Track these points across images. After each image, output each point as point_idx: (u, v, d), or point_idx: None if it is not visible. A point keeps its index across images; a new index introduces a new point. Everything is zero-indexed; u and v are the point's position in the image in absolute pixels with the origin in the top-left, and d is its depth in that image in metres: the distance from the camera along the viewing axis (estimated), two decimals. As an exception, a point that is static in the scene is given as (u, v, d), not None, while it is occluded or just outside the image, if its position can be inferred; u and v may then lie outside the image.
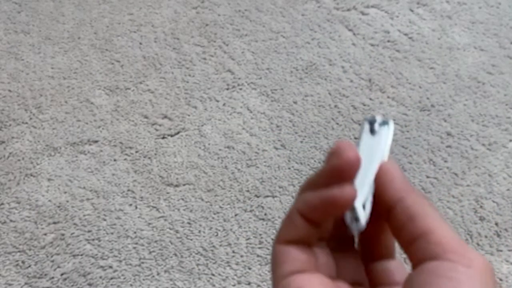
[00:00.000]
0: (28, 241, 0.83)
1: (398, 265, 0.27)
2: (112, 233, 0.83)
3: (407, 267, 0.24)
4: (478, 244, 0.79)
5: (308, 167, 0.89)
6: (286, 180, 0.88)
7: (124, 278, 0.79)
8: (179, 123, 0.96)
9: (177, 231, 0.83)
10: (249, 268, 0.79)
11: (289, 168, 0.89)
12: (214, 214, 0.84)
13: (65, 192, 0.88)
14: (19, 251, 0.82)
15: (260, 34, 1.11)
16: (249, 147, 0.92)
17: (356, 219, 0.24)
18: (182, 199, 0.86)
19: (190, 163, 0.91)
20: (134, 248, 0.81)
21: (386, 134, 0.26)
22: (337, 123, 0.95)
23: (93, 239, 0.83)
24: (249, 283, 0.77)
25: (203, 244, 0.81)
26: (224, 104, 0.99)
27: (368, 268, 0.26)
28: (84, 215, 0.85)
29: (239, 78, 1.03)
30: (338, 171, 0.23)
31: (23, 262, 0.81)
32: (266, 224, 0.83)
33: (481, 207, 0.83)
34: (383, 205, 0.24)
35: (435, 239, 0.21)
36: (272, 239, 0.81)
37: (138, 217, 0.85)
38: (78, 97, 1.02)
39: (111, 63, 1.07)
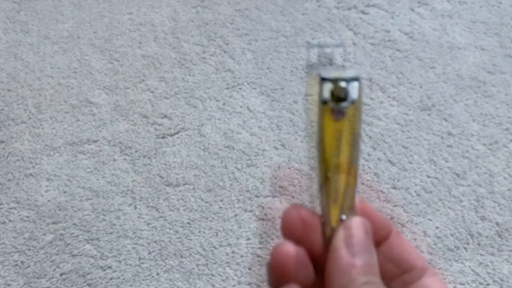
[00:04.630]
0: (27, 241, 0.83)
1: (435, 280, 0.23)
2: (111, 233, 0.83)
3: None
4: (479, 244, 0.79)
5: (308, 167, 0.89)
6: (286, 180, 0.87)
7: (124, 278, 0.78)
8: (178, 122, 0.96)
9: (176, 231, 0.82)
10: (249, 269, 0.78)
11: (289, 168, 0.89)
12: (214, 214, 0.84)
13: (65, 192, 0.88)
14: (18, 251, 0.82)
15: (260, 33, 1.11)
16: (249, 147, 0.92)
17: None
18: (182, 199, 0.86)
19: (190, 163, 0.90)
20: (134, 248, 0.81)
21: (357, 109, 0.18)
22: (338, 123, 0.94)
23: (92, 239, 0.82)
24: (249, 284, 0.77)
25: (203, 244, 0.81)
26: (224, 104, 0.99)
27: None
28: (83, 215, 0.85)
29: (239, 78, 1.03)
30: None
31: (22, 262, 0.81)
32: (266, 224, 0.83)
33: (482, 207, 0.83)
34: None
35: None
36: (272, 239, 0.81)
37: (138, 217, 0.84)
38: (77, 97, 1.02)
39: (110, 63, 1.07)
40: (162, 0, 1.19)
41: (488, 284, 0.75)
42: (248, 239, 0.81)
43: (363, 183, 0.86)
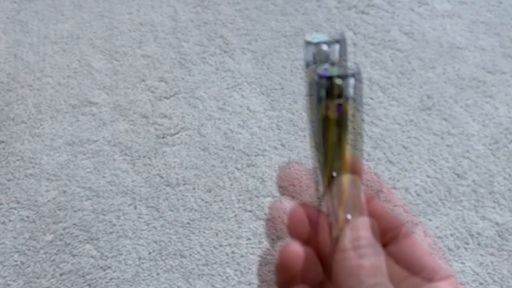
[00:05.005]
0: (27, 241, 0.83)
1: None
2: (111, 233, 0.83)
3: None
4: (479, 244, 0.79)
5: (312, 167, 0.89)
6: (286, 180, 0.87)
7: (124, 278, 0.78)
8: (178, 122, 0.96)
9: (176, 231, 0.82)
10: (249, 268, 0.78)
11: (289, 168, 0.89)
12: (214, 214, 0.84)
13: (65, 192, 0.88)
14: (18, 251, 0.82)
15: (260, 33, 1.11)
16: (249, 147, 0.92)
17: None
18: (182, 199, 0.86)
19: (190, 163, 0.90)
20: (134, 248, 0.81)
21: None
22: (338, 123, 0.94)
23: (92, 239, 0.82)
24: (249, 284, 0.77)
25: (203, 244, 0.81)
26: (224, 104, 0.99)
27: None
28: (83, 215, 0.85)
29: (239, 78, 1.03)
30: None
31: (22, 262, 0.81)
32: (266, 224, 0.82)
33: (482, 207, 0.83)
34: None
35: None
36: (272, 239, 0.81)
37: (138, 217, 0.84)
38: (77, 97, 1.02)
39: (110, 63, 1.07)
40: (162, 0, 1.19)
41: (488, 284, 0.75)
42: (248, 239, 0.81)
43: (363, 183, 0.86)
